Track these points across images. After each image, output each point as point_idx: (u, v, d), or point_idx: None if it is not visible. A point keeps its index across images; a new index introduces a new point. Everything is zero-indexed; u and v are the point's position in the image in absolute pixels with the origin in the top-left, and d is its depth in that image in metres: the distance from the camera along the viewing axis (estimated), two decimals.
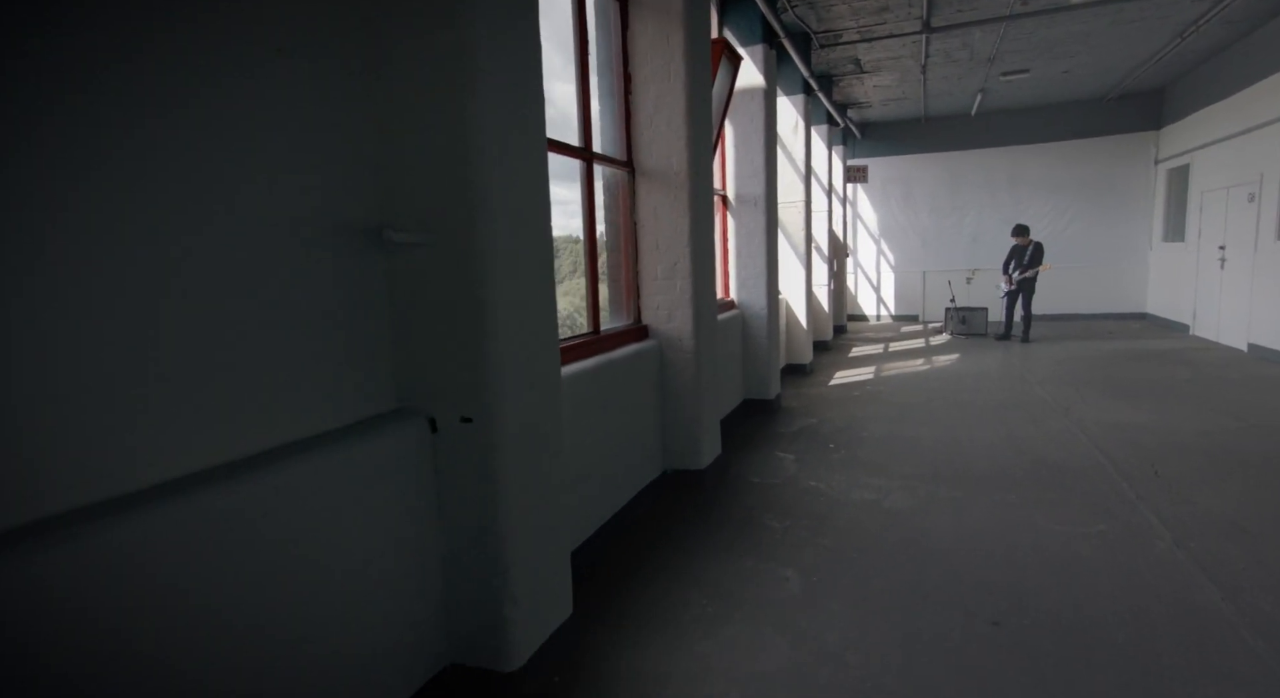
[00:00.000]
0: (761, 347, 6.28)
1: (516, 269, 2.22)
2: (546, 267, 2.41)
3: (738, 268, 6.30)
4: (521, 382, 2.24)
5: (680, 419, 4.27)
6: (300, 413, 1.89)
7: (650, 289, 4.26)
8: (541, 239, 2.37)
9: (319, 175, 1.94)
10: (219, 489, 1.56)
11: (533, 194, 2.32)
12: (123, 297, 1.46)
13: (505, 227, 2.16)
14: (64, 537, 1.28)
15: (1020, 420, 5.64)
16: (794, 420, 6.05)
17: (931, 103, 11.59)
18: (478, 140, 2.05)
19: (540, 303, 2.37)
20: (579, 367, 3.26)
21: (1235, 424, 5.19)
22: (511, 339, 2.19)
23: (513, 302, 2.20)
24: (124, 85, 1.45)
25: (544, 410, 2.37)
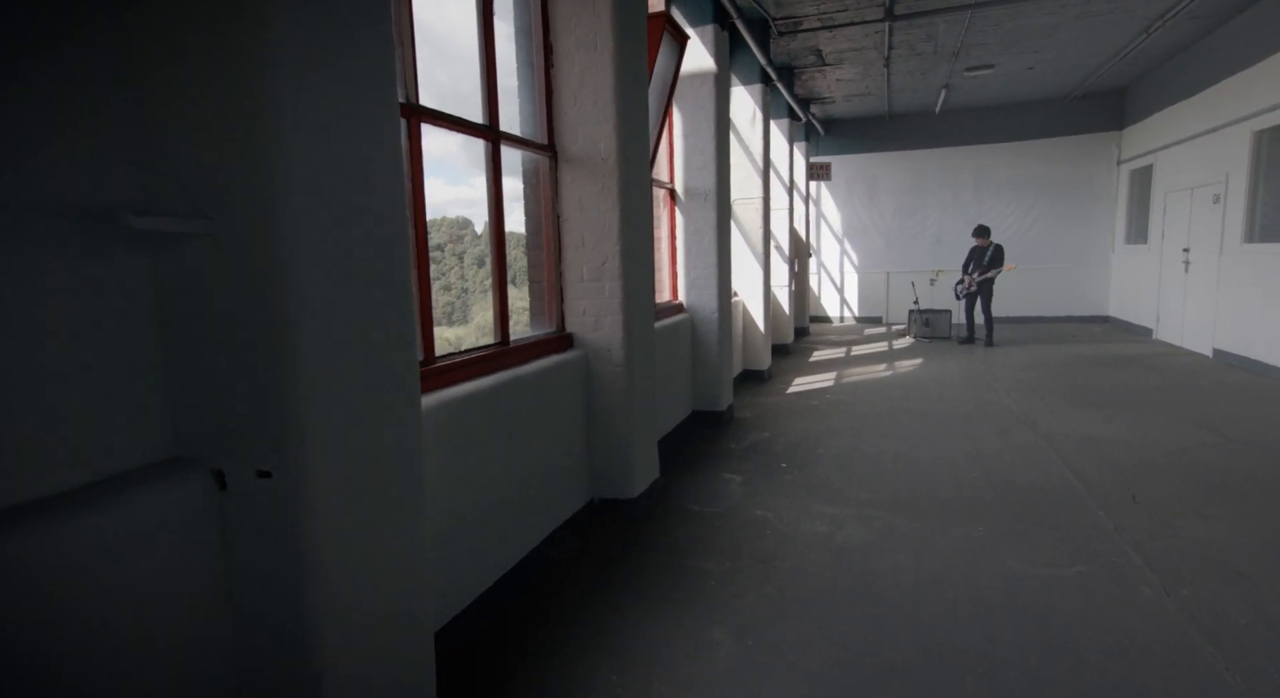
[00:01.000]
0: (712, 354, 5.79)
1: (339, 271, 1.66)
2: (396, 267, 1.85)
3: (686, 268, 5.79)
4: (344, 421, 1.67)
5: (609, 442, 3.74)
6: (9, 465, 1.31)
7: (575, 292, 3.71)
8: (386, 232, 1.81)
9: (37, 147, 1.35)
10: None
11: (370, 171, 1.75)
12: None
13: (319, 214, 1.59)
14: None
15: (986, 434, 5.24)
16: (746, 435, 5.56)
17: (895, 99, 11.26)
18: (270, 86, 1.48)
19: (381, 315, 1.80)
20: (470, 388, 2.70)
21: (1211, 439, 4.86)
22: (328, 365, 1.63)
23: (331, 314, 1.64)
24: None
25: (383, 455, 1.81)
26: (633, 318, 3.71)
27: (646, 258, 3.93)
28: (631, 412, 3.70)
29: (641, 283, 3.84)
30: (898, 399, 6.59)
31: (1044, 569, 3.05)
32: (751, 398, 6.97)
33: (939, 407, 6.20)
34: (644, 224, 3.88)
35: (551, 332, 3.69)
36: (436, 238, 26.35)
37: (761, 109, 7.61)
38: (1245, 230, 7.25)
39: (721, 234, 5.73)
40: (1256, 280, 7.03)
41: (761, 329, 7.83)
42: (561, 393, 3.45)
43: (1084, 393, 6.49)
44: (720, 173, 5.67)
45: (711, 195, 5.63)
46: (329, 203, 1.62)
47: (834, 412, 6.20)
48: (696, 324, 5.81)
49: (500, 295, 3.19)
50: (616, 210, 3.57)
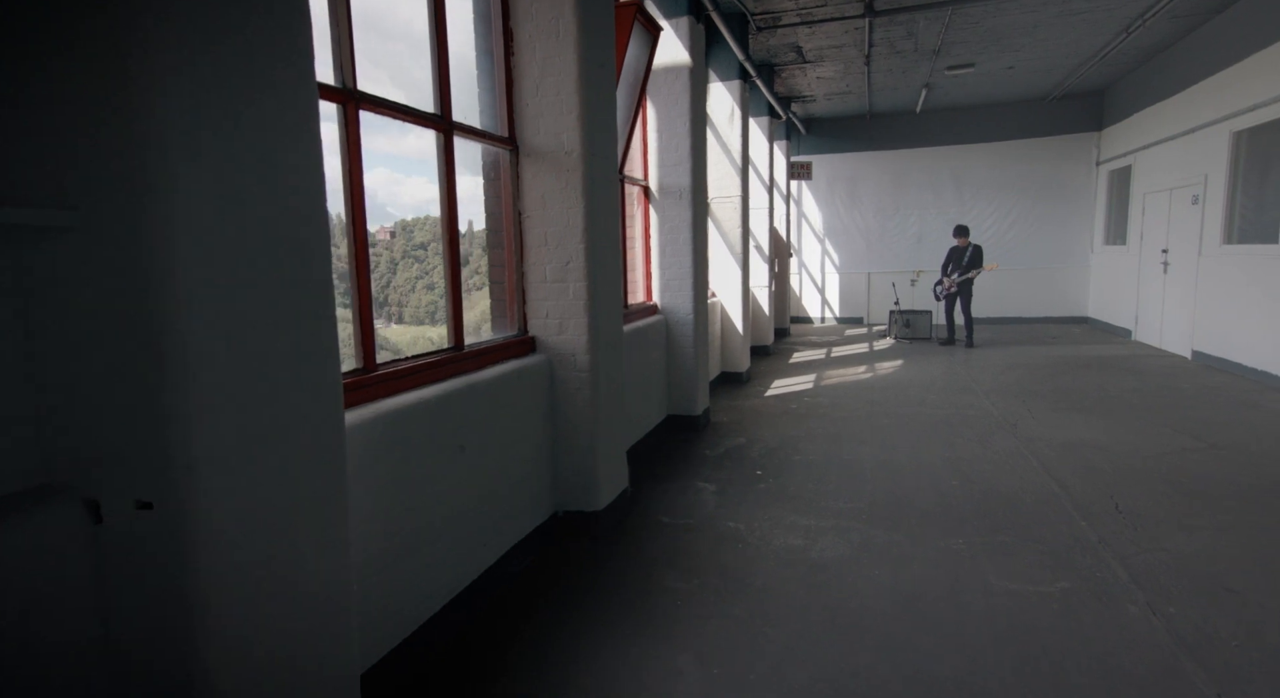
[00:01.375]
0: (687, 357, 5.62)
1: (237, 271, 1.45)
2: (315, 268, 1.64)
3: (661, 268, 5.61)
4: (243, 442, 1.47)
5: (573, 452, 3.54)
6: None
7: (538, 293, 3.52)
8: (301, 229, 1.60)
9: None
10: None
11: (279, 160, 1.54)
12: None
13: (210, 207, 1.39)
14: None
15: (966, 439, 5.12)
16: (721, 440, 5.39)
17: (876, 98, 11.17)
18: (145, 59, 1.28)
19: (294, 320, 1.60)
20: (416, 397, 2.49)
21: (1192, 444, 4.78)
22: (223, 378, 1.42)
23: (227, 320, 1.43)
24: None
25: (297, 480, 1.61)
26: (599, 321, 3.52)
27: (614, 257, 3.74)
28: (597, 420, 3.51)
29: (608, 283, 3.65)
30: (877, 402, 6.46)
31: (1026, 586, 2.91)
32: (729, 401, 6.81)
33: (919, 410, 6.08)
34: (611, 222, 3.69)
35: (513, 335, 3.49)
36: (420, 236, 24.79)
37: (740, 106, 7.45)
38: (1224, 232, 7.22)
39: (697, 233, 5.56)
40: (1235, 282, 7.00)
41: (740, 330, 7.67)
42: (522, 400, 3.25)
43: (1064, 396, 6.41)
44: (696, 170, 5.49)
45: (686, 193, 5.46)
46: (223, 195, 1.41)
47: (812, 416, 6.05)
48: (671, 326, 5.63)
49: (453, 297, 2.98)
50: (581, 207, 3.37)
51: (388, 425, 2.32)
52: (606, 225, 3.63)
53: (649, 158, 5.52)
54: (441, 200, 2.93)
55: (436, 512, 2.61)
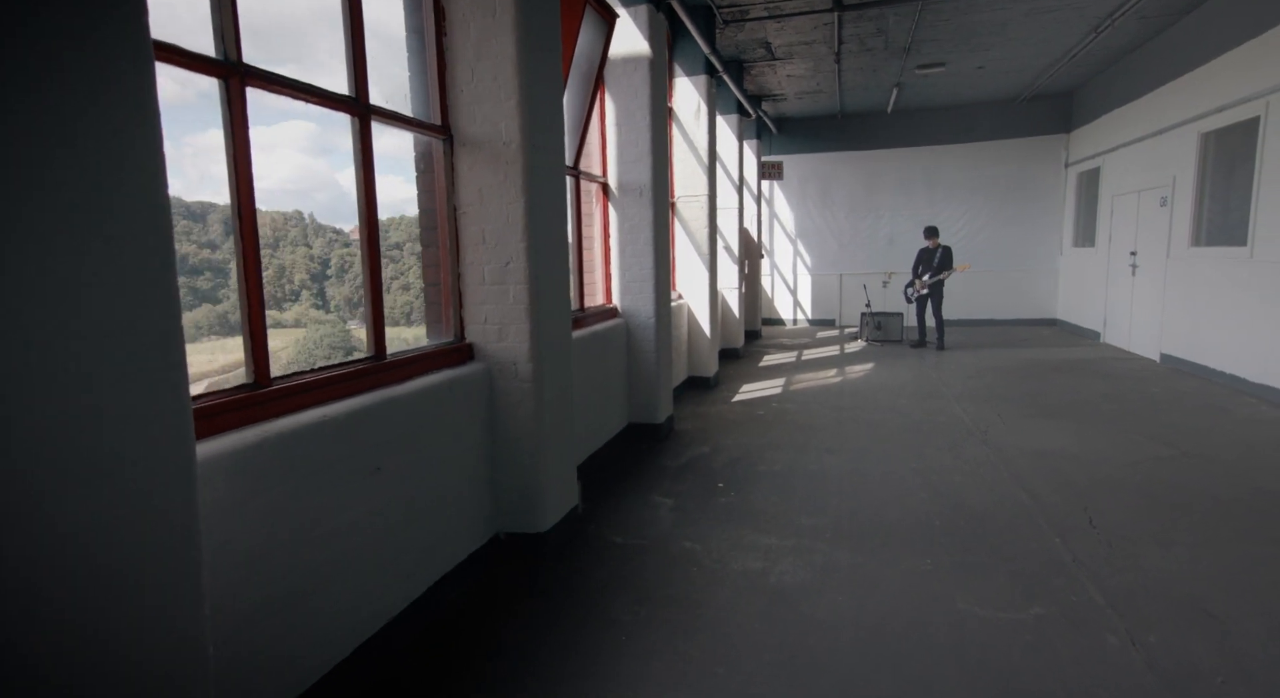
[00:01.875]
0: (648, 362, 5.36)
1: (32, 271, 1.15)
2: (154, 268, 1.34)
3: (621, 269, 5.35)
4: (44, 486, 1.17)
5: (515, 469, 3.26)
6: None
7: (476, 296, 3.23)
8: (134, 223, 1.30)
9: None
10: None
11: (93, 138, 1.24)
12: None
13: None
14: None
15: (936, 448, 4.94)
16: (684, 450, 5.15)
17: (848, 97, 11.04)
18: None
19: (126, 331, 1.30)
20: (318, 416, 2.19)
21: (1165, 452, 4.64)
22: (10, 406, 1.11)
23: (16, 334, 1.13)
24: None
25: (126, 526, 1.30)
26: (543, 326, 3.25)
27: (561, 258, 3.46)
28: (541, 434, 3.24)
29: (554, 286, 3.38)
30: (846, 408, 6.27)
31: (998, 612, 2.70)
32: (695, 407, 6.57)
33: (888, 417, 5.89)
34: (557, 219, 3.42)
35: (448, 342, 3.19)
36: (396, 237, 24.68)
37: (706, 102, 7.22)
38: (1192, 234, 7.17)
39: (658, 232, 5.30)
40: (1203, 285, 6.95)
41: (707, 334, 7.44)
42: (455, 414, 2.96)
43: (1035, 401, 6.28)
44: (656, 166, 5.24)
45: (647, 191, 5.20)
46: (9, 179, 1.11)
47: (779, 423, 5.83)
48: (632, 330, 5.37)
49: (373, 301, 2.68)
50: (521, 203, 3.09)
51: (279, 449, 2.02)
52: (552, 223, 3.35)
53: (608, 153, 5.25)
54: (359, 193, 2.62)
55: (347, 543, 2.31)
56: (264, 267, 3.47)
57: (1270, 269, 5.88)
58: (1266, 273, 5.92)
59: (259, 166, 2.11)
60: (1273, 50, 5.86)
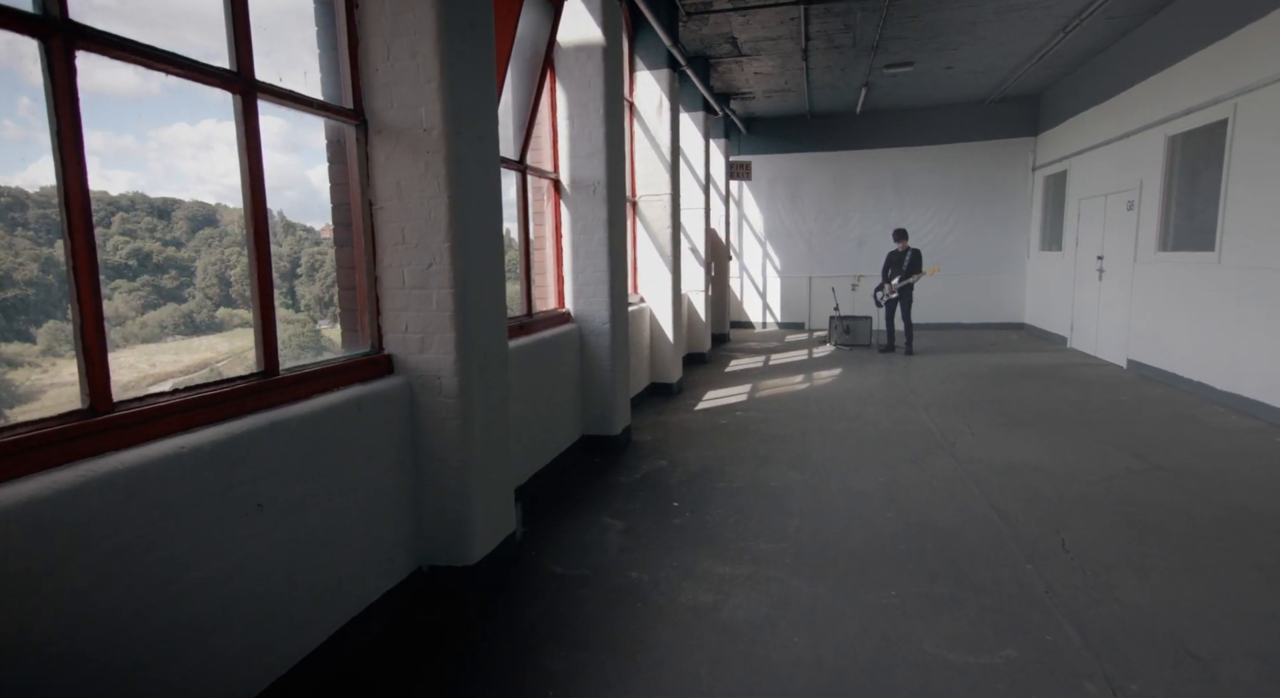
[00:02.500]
0: (603, 370, 5.05)
1: None
2: None
3: (574, 271, 5.03)
4: None
5: (440, 495, 2.93)
6: None
7: (395, 302, 2.88)
8: None
9: None
10: None
11: None
12: None
13: None
14: None
15: (903, 461, 4.71)
16: (640, 464, 4.84)
17: (816, 97, 10.87)
18: None
19: None
20: (175, 445, 1.84)
21: (1137, 465, 4.47)
22: None
23: None
24: None
25: None
26: (471, 336, 2.92)
27: (493, 259, 3.13)
28: (469, 456, 2.90)
29: (485, 291, 3.05)
30: (812, 417, 6.03)
31: (967, 655, 2.44)
32: (655, 416, 6.27)
33: (854, 427, 5.67)
34: (489, 216, 3.09)
35: (363, 353, 2.84)
36: None
37: (669, 97, 6.94)
38: (1159, 238, 7.09)
39: (614, 232, 4.99)
40: (1170, 290, 6.87)
41: (670, 338, 7.16)
42: (367, 436, 2.62)
43: (1003, 409, 6.12)
44: (612, 162, 4.93)
45: (601, 188, 4.89)
46: None
47: (742, 433, 5.57)
48: (585, 336, 5.05)
49: (261, 308, 2.32)
50: (445, 198, 2.76)
51: (117, 490, 1.66)
52: (483, 221, 3.02)
53: (559, 148, 4.93)
54: (243, 183, 2.27)
55: (222, 593, 1.96)
56: (232, 266, 3.08)
57: (1238, 275, 5.78)
58: (1234, 279, 5.83)
59: (211, 163, 1.75)
60: (1241, 51, 5.77)
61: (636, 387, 6.69)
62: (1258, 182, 5.58)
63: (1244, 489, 3.98)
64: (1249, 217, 5.68)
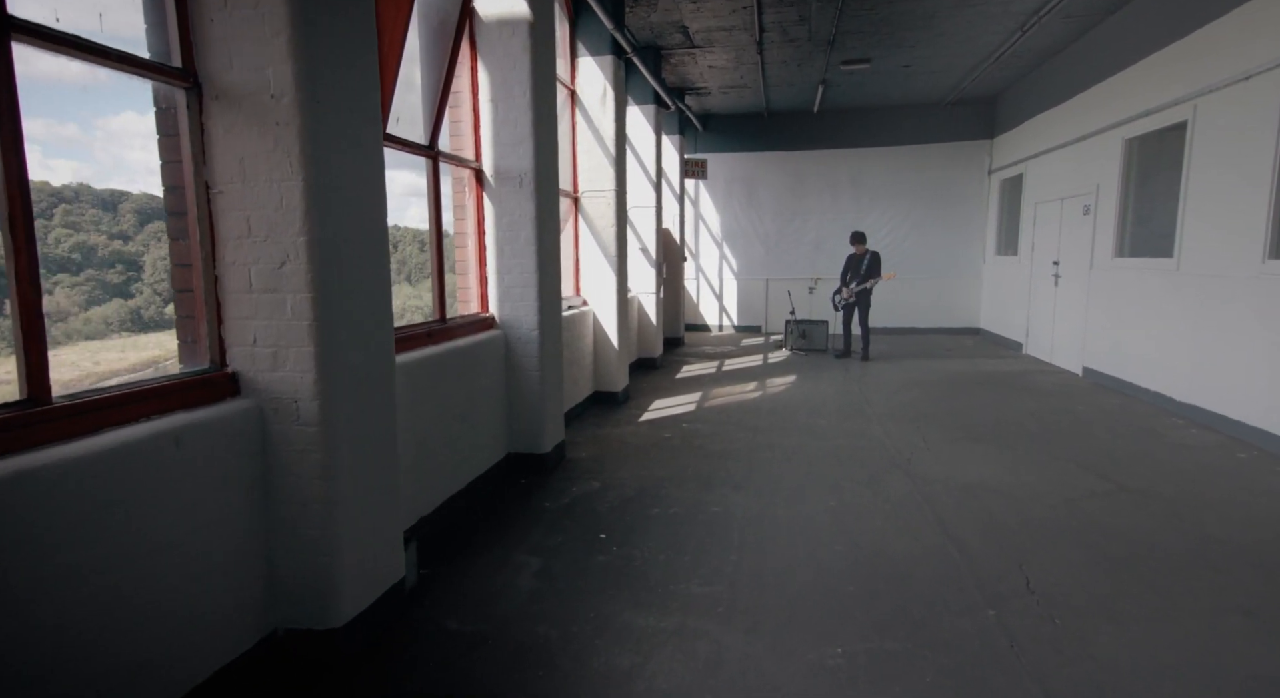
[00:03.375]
0: (531, 382, 4.56)
1: None
2: None
3: (499, 272, 4.53)
4: None
5: (298, 545, 2.40)
6: None
7: (242, 308, 2.35)
8: None
9: None
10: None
11: None
12: None
13: None
14: None
15: (856, 481, 4.34)
16: (570, 486, 4.37)
17: (773, 94, 10.55)
18: None
19: None
20: None
21: (1099, 486, 4.19)
22: None
23: None
24: None
25: None
26: (338, 349, 2.40)
27: (371, 256, 2.62)
28: (334, 495, 2.39)
29: (359, 294, 2.54)
30: (762, 431, 5.64)
31: None
32: (595, 429, 5.80)
33: (806, 442, 5.29)
34: (365, 205, 2.58)
35: (199, 371, 2.31)
36: None
37: (613, 86, 6.48)
38: (1116, 243, 6.93)
39: (544, 229, 4.51)
40: (1127, 297, 6.70)
41: (615, 344, 6.70)
42: (193, 477, 2.09)
43: (959, 421, 5.83)
44: (541, 151, 4.44)
45: (529, 179, 4.40)
46: None
47: (687, 448, 5.14)
48: (512, 344, 4.56)
49: (22, 311, 1.77)
50: (300, 180, 2.24)
51: None
52: (355, 211, 2.51)
53: (481, 134, 4.42)
54: None
55: None
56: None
57: (1198, 283, 5.60)
58: (1194, 287, 5.65)
59: None
60: (1201, 51, 5.59)
61: (577, 396, 6.22)
62: (1218, 186, 5.40)
63: (1213, 515, 3.71)
64: (1209, 222, 5.50)
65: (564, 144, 6.55)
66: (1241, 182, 5.11)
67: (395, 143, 3.44)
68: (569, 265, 6.75)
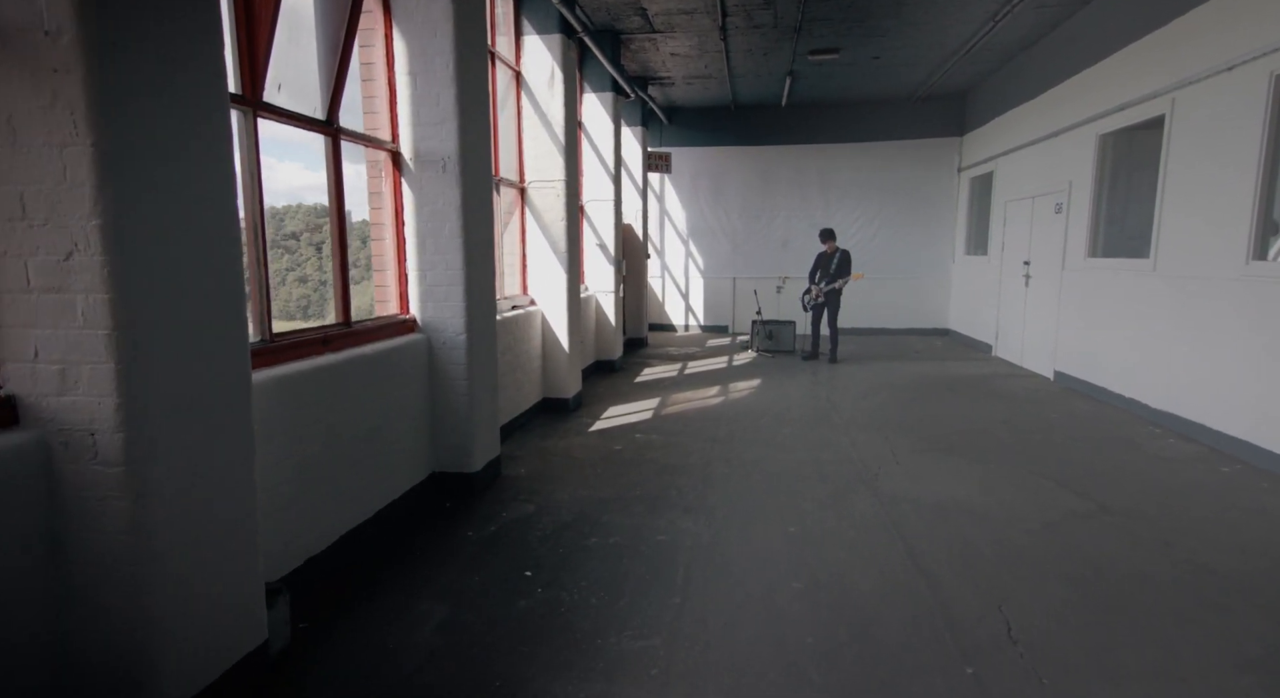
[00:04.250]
0: (458, 392, 4.05)
1: None
2: None
3: (421, 269, 4.01)
4: None
5: (101, 621, 1.88)
6: None
7: (17, 313, 1.82)
8: None
9: None
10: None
11: None
12: None
13: None
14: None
15: (818, 502, 3.93)
16: (501, 510, 3.88)
17: (739, 85, 10.14)
18: None
19: None
20: None
21: (1080, 506, 3.83)
22: None
23: None
24: None
25: None
26: (150, 366, 1.88)
27: (210, 247, 2.10)
28: (148, 551, 1.87)
29: (188, 292, 2.01)
30: (721, 441, 5.21)
31: None
32: (540, 441, 5.31)
33: (767, 455, 4.87)
34: (200, 183, 2.05)
35: None
36: (292, 226, 22.32)
37: (562, 67, 5.98)
38: (1089, 243, 6.65)
39: (471, 220, 4.00)
40: (1101, 299, 6.42)
41: (566, 347, 6.21)
42: None
43: (930, 429, 5.47)
44: (468, 132, 3.93)
45: (453, 164, 3.88)
46: None
47: (638, 464, 4.68)
48: (436, 350, 4.04)
49: None
50: (88, 145, 1.72)
51: None
52: (182, 189, 1.99)
53: (399, 111, 3.89)
54: None
55: None
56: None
57: (1175, 285, 5.32)
58: (1171, 289, 5.36)
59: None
60: (1180, 41, 5.30)
61: (522, 404, 5.72)
62: (1198, 183, 5.11)
63: (1202, 541, 3.37)
64: (1188, 221, 5.21)
65: (509, 130, 6.03)
66: (1223, 178, 4.82)
67: (277, 114, 2.90)
68: (515, 262, 6.24)
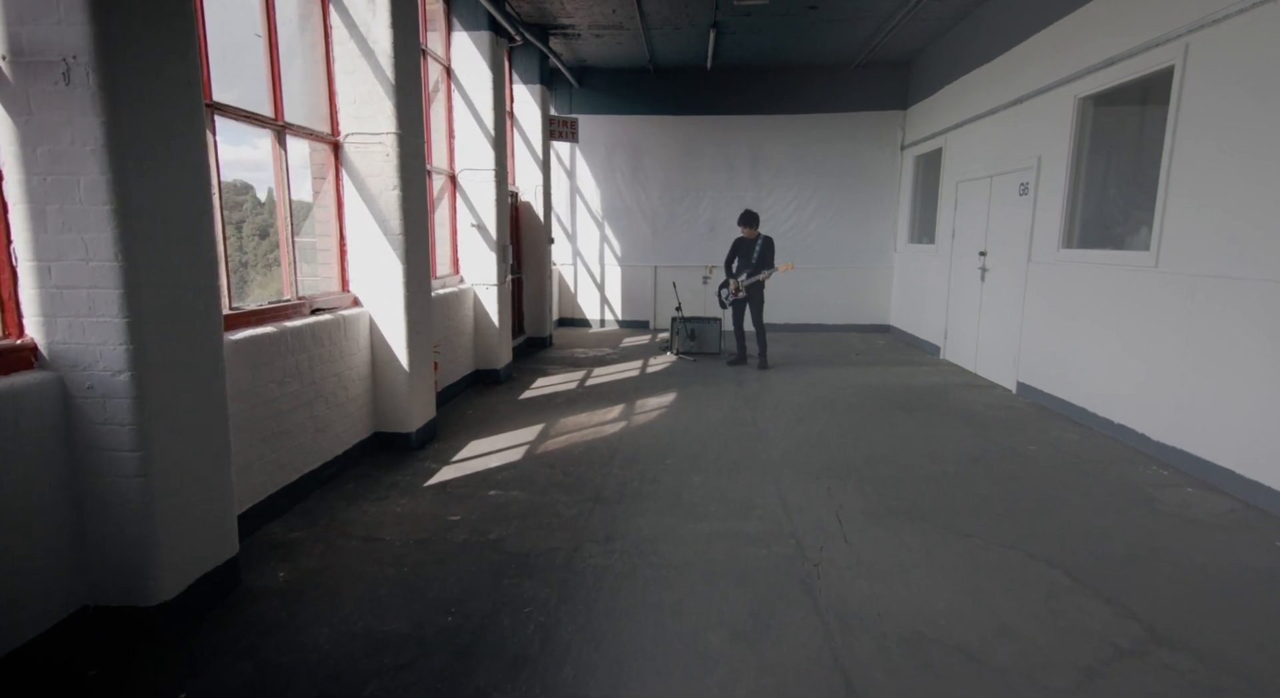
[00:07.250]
0: (124, 470, 2.39)
1: None
2: None
3: (36, 249, 2.31)
4: None
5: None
6: None
7: None
8: None
9: None
10: None
11: None
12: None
13: None
14: None
15: (732, 631, 2.50)
16: (197, 671, 2.26)
17: (657, 41, 8.62)
18: None
19: None
20: None
21: (1123, 630, 2.55)
22: None
23: None
24: None
25: None
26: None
27: None
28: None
29: None
30: (607, 500, 3.74)
31: None
32: (348, 503, 3.68)
33: (666, 526, 3.42)
34: None
35: None
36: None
37: None
38: (1064, 232, 5.49)
39: (120, 176, 2.33)
40: (1079, 300, 5.27)
41: (404, 364, 4.58)
42: None
43: (884, 474, 4.16)
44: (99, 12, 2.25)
45: (85, 63, 2.20)
46: None
47: (471, 552, 3.13)
48: (72, 394, 2.37)
49: None
50: None
51: None
52: None
53: None
54: None
55: None
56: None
57: (1186, 285, 4.16)
58: (1180, 290, 4.21)
59: None
60: None
61: (342, 444, 4.08)
62: (1219, 153, 3.94)
63: None
64: (1204, 204, 4.05)
65: (313, 59, 4.32)
66: (1254, 149, 3.65)
67: None
68: (332, 243, 4.55)
